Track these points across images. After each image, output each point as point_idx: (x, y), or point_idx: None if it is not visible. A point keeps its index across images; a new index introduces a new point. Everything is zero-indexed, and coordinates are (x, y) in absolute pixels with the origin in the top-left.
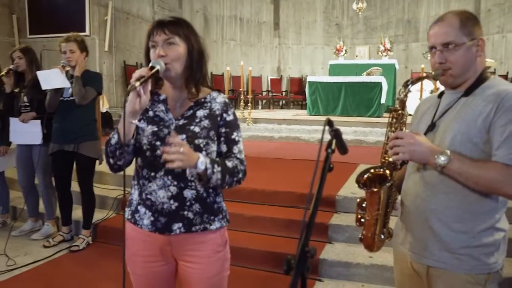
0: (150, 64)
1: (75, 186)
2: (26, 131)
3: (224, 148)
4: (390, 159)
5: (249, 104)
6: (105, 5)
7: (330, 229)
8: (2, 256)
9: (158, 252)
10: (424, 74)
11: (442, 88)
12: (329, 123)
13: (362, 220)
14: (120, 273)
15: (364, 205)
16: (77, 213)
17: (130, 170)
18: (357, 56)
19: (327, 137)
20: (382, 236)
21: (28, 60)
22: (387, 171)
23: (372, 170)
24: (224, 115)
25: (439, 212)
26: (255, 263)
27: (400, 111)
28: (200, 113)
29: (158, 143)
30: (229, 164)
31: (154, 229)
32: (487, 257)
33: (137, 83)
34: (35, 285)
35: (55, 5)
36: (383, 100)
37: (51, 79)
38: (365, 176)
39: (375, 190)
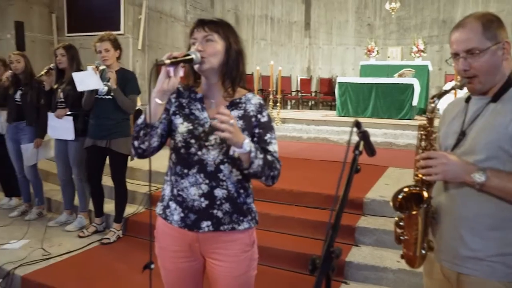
0: (187, 53)
1: (107, 181)
2: (60, 127)
3: None
4: (424, 177)
5: (278, 104)
6: (139, 4)
7: (357, 231)
8: (38, 245)
9: (187, 248)
10: (449, 87)
11: None
12: (357, 124)
13: (401, 238)
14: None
15: (401, 223)
16: (108, 206)
17: (163, 167)
18: (389, 57)
19: (356, 139)
20: (423, 251)
21: (70, 58)
22: (424, 193)
23: (406, 189)
24: (259, 116)
25: (470, 220)
26: (281, 263)
27: (429, 128)
28: (235, 113)
29: (192, 140)
30: (269, 157)
31: (183, 225)
32: None
33: (168, 61)
34: (67, 274)
35: (92, 5)
36: (415, 103)
37: (86, 80)
38: (400, 196)
39: (414, 213)
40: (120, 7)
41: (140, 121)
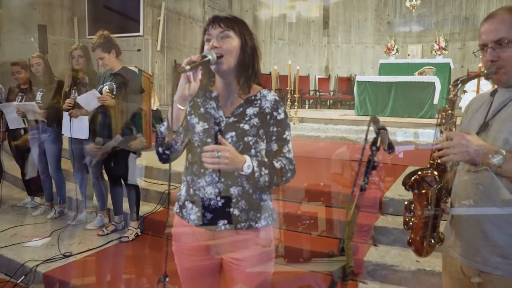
0: (202, 54)
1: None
2: (76, 126)
3: (274, 147)
4: (439, 161)
5: (296, 104)
6: (158, 6)
7: (375, 231)
8: (59, 243)
9: (204, 246)
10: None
11: None
12: (374, 120)
13: (410, 223)
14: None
15: (412, 207)
16: (124, 205)
17: (181, 166)
18: (409, 55)
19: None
20: (432, 241)
21: (87, 59)
22: (435, 173)
23: (419, 172)
24: (275, 113)
25: (492, 215)
26: (298, 262)
27: (449, 111)
28: (250, 111)
29: (208, 140)
30: (277, 165)
31: (200, 224)
32: None
33: (188, 67)
34: (87, 272)
35: (113, 8)
36: (436, 101)
37: (91, 100)
38: (413, 178)
39: (423, 192)
40: (139, 9)
41: (163, 128)
